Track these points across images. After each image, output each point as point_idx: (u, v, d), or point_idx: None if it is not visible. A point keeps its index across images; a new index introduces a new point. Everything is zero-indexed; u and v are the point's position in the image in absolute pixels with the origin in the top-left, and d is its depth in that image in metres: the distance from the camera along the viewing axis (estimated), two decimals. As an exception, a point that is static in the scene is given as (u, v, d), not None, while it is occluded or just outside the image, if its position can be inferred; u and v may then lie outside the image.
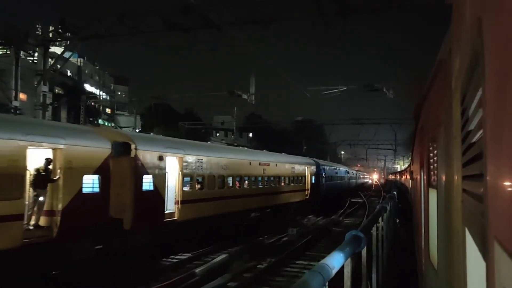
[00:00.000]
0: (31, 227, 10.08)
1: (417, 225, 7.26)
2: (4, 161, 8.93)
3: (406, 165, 46.30)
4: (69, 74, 63.87)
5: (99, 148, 11.46)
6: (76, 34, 21.11)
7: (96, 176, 11.29)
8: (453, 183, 2.03)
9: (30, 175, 10.08)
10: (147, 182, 12.86)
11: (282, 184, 23.67)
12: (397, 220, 14.65)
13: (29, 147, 9.53)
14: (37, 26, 42.29)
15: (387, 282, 7.59)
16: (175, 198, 14.24)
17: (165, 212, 13.73)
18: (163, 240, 13.50)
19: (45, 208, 10.37)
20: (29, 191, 10.03)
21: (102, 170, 11.40)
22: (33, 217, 10.23)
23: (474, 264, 1.48)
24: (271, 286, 10.75)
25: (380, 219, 7.12)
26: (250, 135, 78.59)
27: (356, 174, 62.58)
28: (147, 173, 12.87)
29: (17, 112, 20.37)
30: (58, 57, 25.44)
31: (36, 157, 10.28)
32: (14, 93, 21.40)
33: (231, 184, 18.03)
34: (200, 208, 15.31)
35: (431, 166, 3.64)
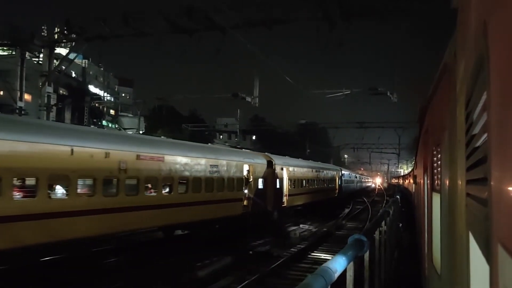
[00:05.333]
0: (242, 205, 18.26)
1: (420, 229, 7.23)
2: (236, 172, 17.71)
3: (410, 169, 46.20)
4: (73, 75, 64.16)
5: (263, 164, 20.44)
6: (81, 35, 21.21)
7: (262, 179, 20.05)
8: (457, 187, 2.02)
9: (243, 179, 18.45)
10: (278, 183, 21.83)
11: (325, 185, 33.66)
12: (400, 224, 14.60)
13: (244, 164, 18.58)
14: (43, 27, 42.49)
15: (390, 287, 7.55)
16: (285, 193, 22.86)
17: (283, 201, 22.65)
18: (280, 219, 21.84)
19: (246, 196, 18.61)
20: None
21: (264, 176, 20.25)
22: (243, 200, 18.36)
23: (478, 268, 1.47)
24: (273, 289, 10.72)
25: (383, 223, 7.09)
26: (254, 137, 78.56)
27: (361, 178, 69.48)
28: (277, 178, 21.66)
29: (22, 112, 20.48)
30: (63, 58, 25.59)
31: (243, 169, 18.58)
32: (19, 94, 21.53)
33: (305, 185, 27.38)
34: (295, 199, 24.51)
35: (435, 170, 3.63)
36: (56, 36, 23.75)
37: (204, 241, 15.38)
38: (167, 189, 13.78)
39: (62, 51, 37.01)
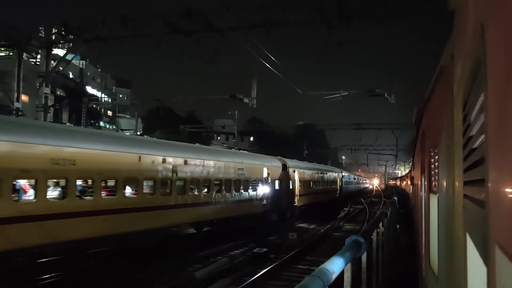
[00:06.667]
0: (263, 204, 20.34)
1: (417, 231, 7.24)
2: (258, 174, 20.14)
3: (407, 170, 46.28)
4: (71, 76, 63.97)
5: (278, 167, 22.75)
6: (79, 37, 21.15)
7: (278, 181, 22.20)
8: (454, 189, 2.03)
9: (264, 180, 20.61)
10: (291, 184, 24.27)
11: (329, 186, 36.57)
12: (398, 226, 14.61)
13: (264, 167, 21.02)
14: (40, 28, 42.34)
15: (387, 288, 7.55)
16: (296, 193, 25.26)
17: (294, 200, 25.07)
18: (292, 217, 24.23)
19: (265, 196, 20.59)
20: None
21: (280, 178, 22.42)
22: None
23: (475, 269, 1.48)
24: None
25: (381, 224, 7.10)
26: (251, 139, 78.48)
27: (359, 180, 73.31)
28: (290, 179, 24.12)
29: (19, 113, 20.39)
30: (60, 59, 25.51)
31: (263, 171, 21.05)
32: (16, 95, 21.44)
33: (312, 186, 30.01)
34: (304, 199, 26.85)
35: (432, 172, 3.64)
36: (53, 37, 23.69)
37: (202, 242, 15.38)
38: (206, 189, 15.98)
39: (59, 52, 36.90)
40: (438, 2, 13.96)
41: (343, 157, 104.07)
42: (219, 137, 75.70)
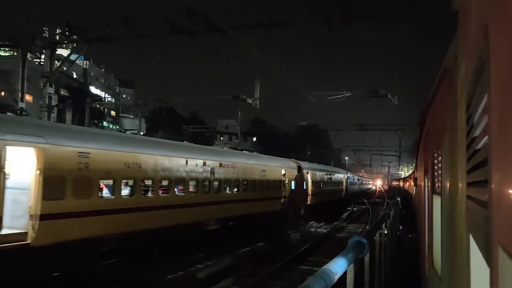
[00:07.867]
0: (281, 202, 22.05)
1: (420, 232, 7.22)
2: (277, 175, 21.68)
3: (410, 171, 46.19)
4: (75, 76, 64.20)
5: (294, 169, 24.48)
6: (81, 37, 21.24)
7: (294, 181, 23.91)
8: (458, 190, 2.03)
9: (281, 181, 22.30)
10: (305, 185, 26.31)
11: (336, 187, 38.63)
12: (401, 227, 14.60)
13: (282, 170, 22.50)
14: (44, 28, 42.58)
15: (390, 289, 7.53)
16: (309, 193, 27.29)
17: (307, 199, 27.11)
18: (304, 215, 25.99)
19: (283, 195, 22.28)
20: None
21: (295, 178, 24.16)
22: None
23: (478, 270, 1.47)
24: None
25: (384, 225, 7.09)
26: (254, 139, 78.43)
27: (363, 181, 74.72)
28: (304, 180, 26.14)
29: (23, 113, 20.48)
30: (64, 59, 25.61)
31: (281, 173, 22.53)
32: (20, 95, 21.54)
33: (322, 186, 31.60)
34: (315, 198, 28.55)
35: (436, 173, 3.63)
36: (57, 37, 23.78)
37: (204, 243, 15.40)
38: (236, 189, 17.88)
39: (63, 52, 37.04)
40: (441, 2, 13.92)
41: (346, 157, 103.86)
42: (222, 138, 75.70)
